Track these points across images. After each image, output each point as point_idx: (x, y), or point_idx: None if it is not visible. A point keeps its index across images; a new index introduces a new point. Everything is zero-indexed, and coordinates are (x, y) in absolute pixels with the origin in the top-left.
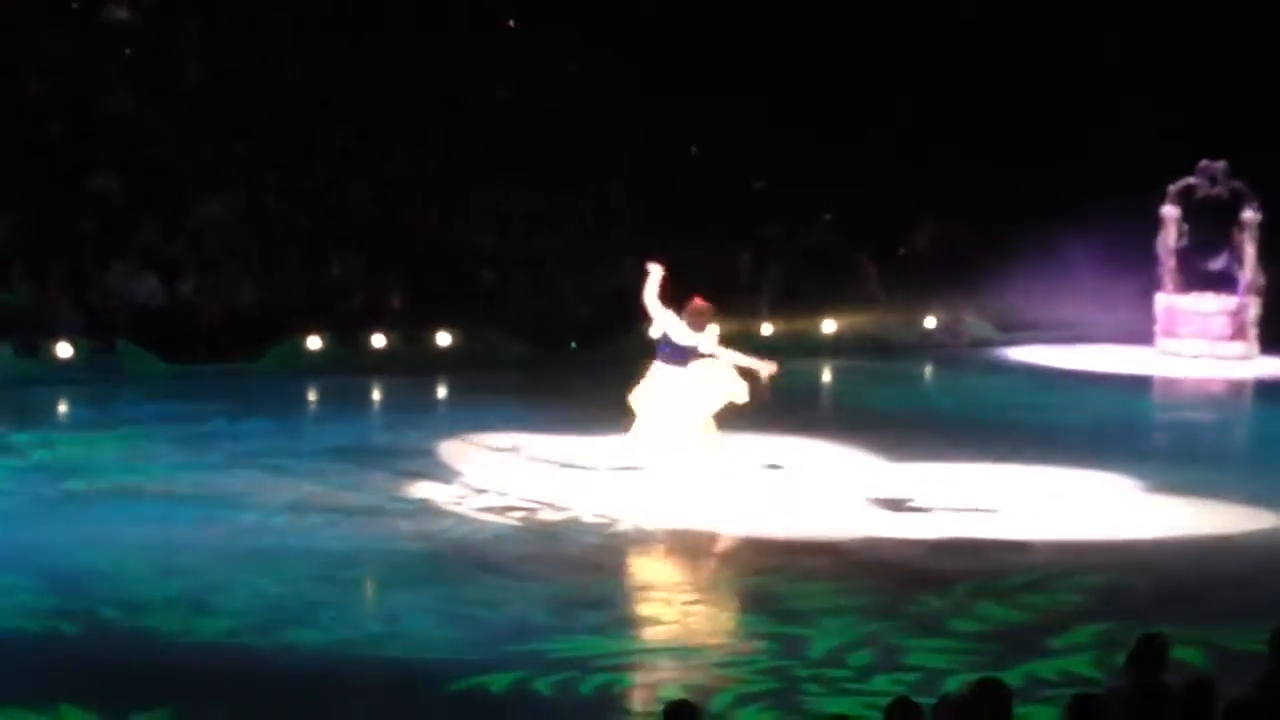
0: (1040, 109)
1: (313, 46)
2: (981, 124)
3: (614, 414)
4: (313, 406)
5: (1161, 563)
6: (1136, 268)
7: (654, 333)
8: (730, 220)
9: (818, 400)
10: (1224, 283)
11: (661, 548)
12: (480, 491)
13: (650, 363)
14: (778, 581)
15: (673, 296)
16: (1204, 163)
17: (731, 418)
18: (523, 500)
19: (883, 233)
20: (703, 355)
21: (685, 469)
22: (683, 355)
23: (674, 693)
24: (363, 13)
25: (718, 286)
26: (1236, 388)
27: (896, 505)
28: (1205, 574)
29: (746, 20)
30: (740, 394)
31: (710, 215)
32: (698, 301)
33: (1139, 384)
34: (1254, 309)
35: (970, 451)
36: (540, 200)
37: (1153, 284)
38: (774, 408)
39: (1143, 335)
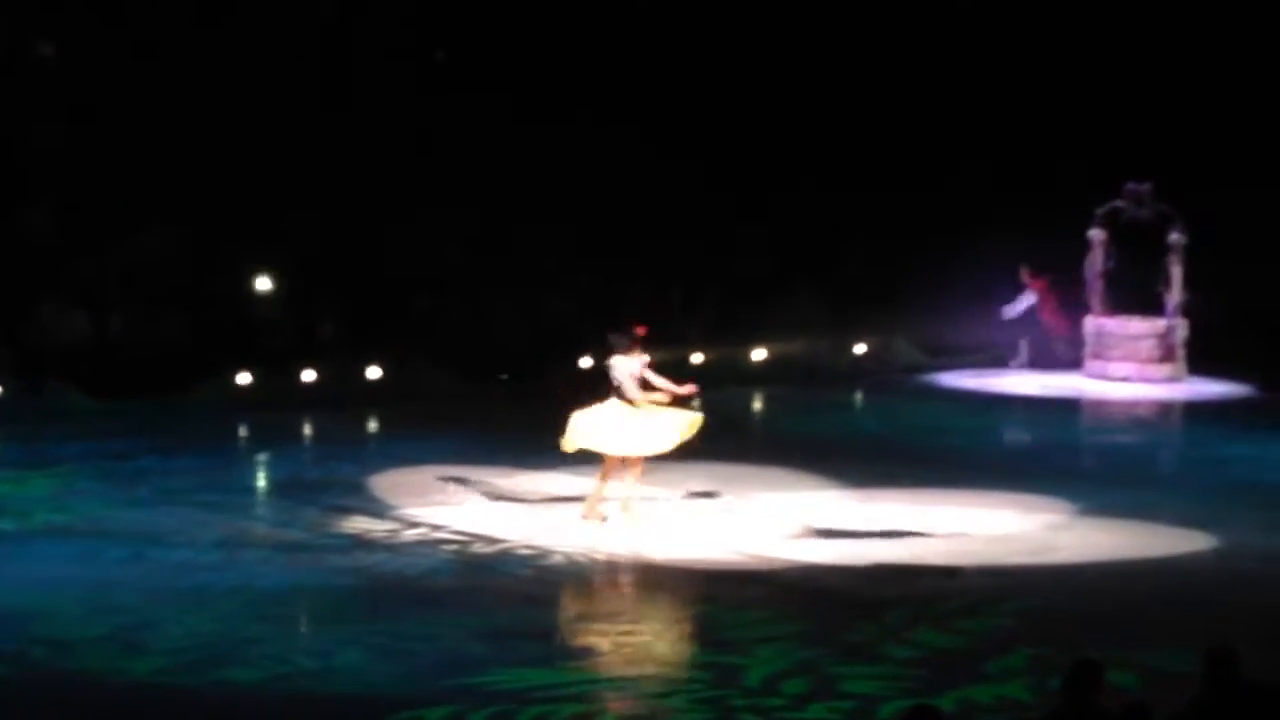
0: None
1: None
2: (910, 150)
3: (545, 446)
4: (243, 442)
5: (1094, 586)
6: (1064, 291)
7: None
8: (664, 247)
9: (749, 428)
10: (1151, 305)
11: (595, 578)
12: (413, 525)
13: (587, 396)
14: (712, 610)
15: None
16: (1130, 185)
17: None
18: (455, 533)
19: (814, 258)
20: (648, 383)
21: (620, 502)
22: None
23: None
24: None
25: (651, 315)
26: (1165, 410)
27: (829, 532)
28: (1138, 596)
29: (679, 52)
30: (676, 438)
31: (645, 242)
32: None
33: (1068, 407)
34: (1182, 331)
35: (902, 477)
36: (475, 226)
37: (1081, 307)
38: (706, 436)
39: (1071, 358)
